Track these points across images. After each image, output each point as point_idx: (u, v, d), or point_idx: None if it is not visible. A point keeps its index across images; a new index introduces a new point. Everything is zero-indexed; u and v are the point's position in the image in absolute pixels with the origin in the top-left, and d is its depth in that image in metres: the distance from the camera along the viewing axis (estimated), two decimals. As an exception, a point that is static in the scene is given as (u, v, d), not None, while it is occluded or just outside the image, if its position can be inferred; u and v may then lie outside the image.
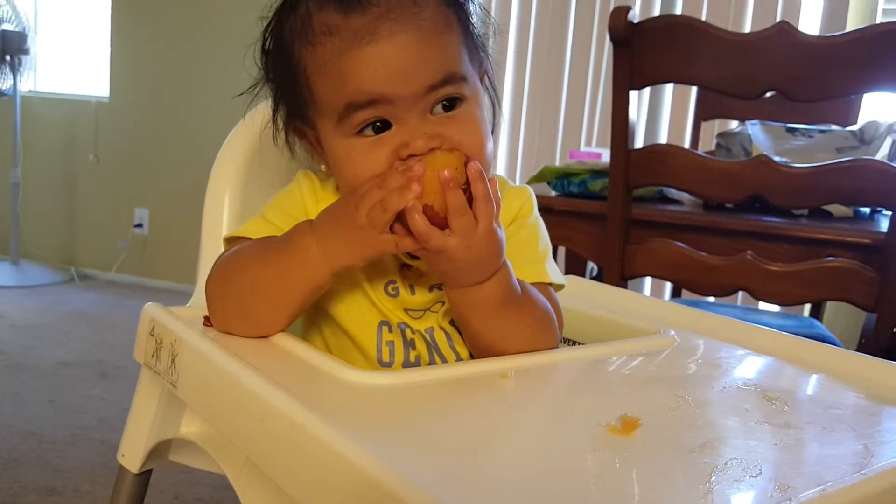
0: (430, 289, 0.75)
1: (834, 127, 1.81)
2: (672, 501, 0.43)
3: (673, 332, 0.77)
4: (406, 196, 0.61)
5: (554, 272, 0.77)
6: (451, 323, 0.76)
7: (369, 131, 0.68)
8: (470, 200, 0.63)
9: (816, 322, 2.01)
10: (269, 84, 0.75)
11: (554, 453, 0.49)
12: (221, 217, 0.87)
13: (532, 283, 0.73)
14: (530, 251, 0.77)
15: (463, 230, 0.62)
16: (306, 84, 0.70)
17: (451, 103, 0.69)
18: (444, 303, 0.75)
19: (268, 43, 0.73)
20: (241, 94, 0.77)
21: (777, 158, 1.28)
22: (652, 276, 1.44)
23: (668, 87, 2.87)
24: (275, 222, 0.73)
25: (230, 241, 0.74)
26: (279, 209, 0.75)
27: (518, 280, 0.70)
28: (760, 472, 0.46)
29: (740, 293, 2.54)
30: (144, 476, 0.78)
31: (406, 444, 0.49)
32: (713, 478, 0.45)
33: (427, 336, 0.75)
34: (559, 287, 0.78)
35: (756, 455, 0.50)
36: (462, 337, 0.75)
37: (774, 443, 0.53)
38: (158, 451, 0.75)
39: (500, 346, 0.69)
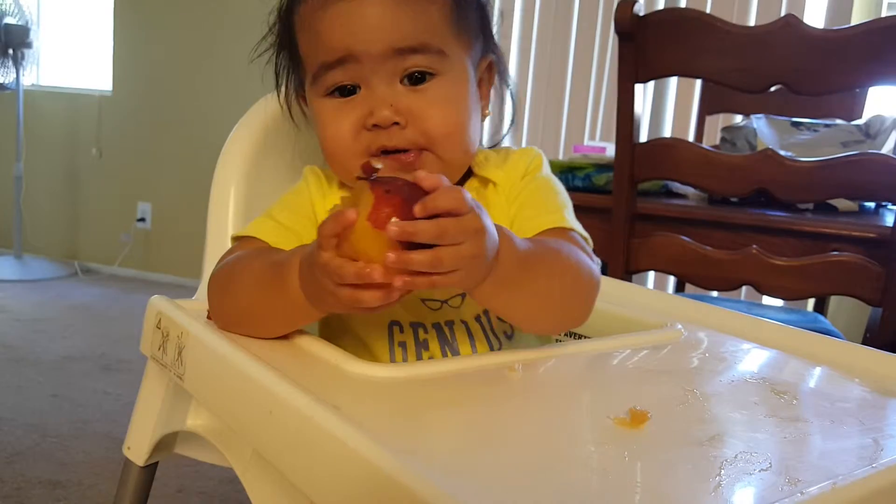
0: None
1: (839, 121, 1.80)
2: (682, 494, 0.43)
3: (680, 326, 0.77)
4: (344, 280, 0.53)
5: (576, 223, 0.72)
6: (477, 319, 0.73)
7: (338, 94, 0.68)
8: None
9: (820, 317, 2.00)
10: (277, 48, 0.77)
11: (563, 446, 0.49)
12: (227, 210, 0.87)
13: (551, 231, 0.69)
14: (547, 200, 0.73)
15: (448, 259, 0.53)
16: (296, 45, 0.72)
17: (421, 76, 0.68)
18: (464, 296, 0.72)
19: (281, 3, 0.75)
20: (258, 54, 0.78)
21: (782, 153, 1.27)
22: (656, 270, 1.44)
23: (673, 82, 2.86)
24: (283, 221, 0.72)
25: (237, 239, 0.73)
26: (287, 207, 0.74)
27: (533, 239, 0.65)
28: (770, 466, 0.46)
29: (744, 288, 2.55)
30: (150, 469, 0.78)
31: (414, 436, 0.49)
32: (723, 471, 0.45)
33: (447, 330, 0.72)
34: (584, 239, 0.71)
35: (765, 448, 0.49)
36: (485, 334, 0.73)
37: (783, 436, 0.52)
38: (164, 443, 0.75)
39: (541, 313, 0.64)
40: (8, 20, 3.47)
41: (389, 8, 0.66)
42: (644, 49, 1.29)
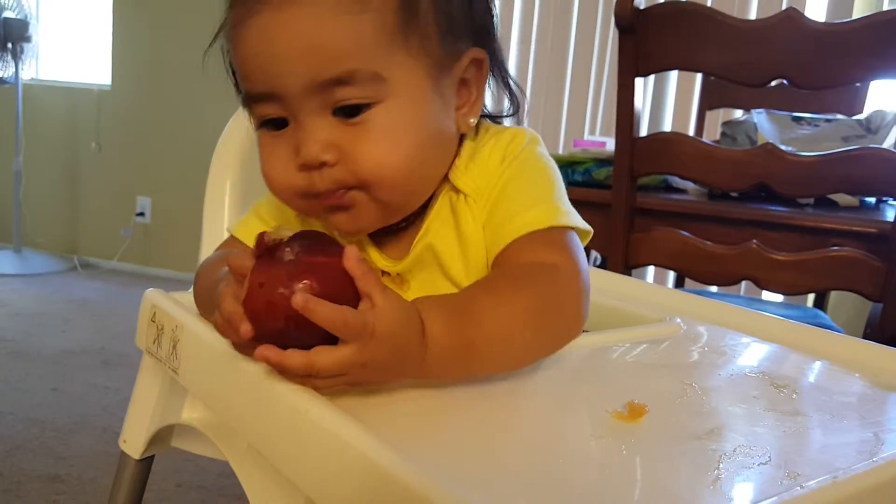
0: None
1: (840, 116, 1.79)
2: (680, 487, 0.42)
3: (679, 320, 0.76)
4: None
5: (561, 209, 0.63)
6: None
7: (270, 127, 0.59)
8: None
9: (820, 312, 2.00)
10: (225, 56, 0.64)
11: (559, 439, 0.49)
12: (223, 204, 0.87)
13: (524, 238, 0.61)
14: (523, 193, 0.63)
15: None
16: (231, 61, 0.61)
17: (356, 107, 0.56)
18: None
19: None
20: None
21: (783, 147, 1.27)
22: (656, 265, 1.44)
23: (673, 77, 2.86)
24: (270, 221, 0.69)
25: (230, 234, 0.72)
26: (274, 204, 0.69)
27: (481, 289, 0.56)
28: (769, 460, 0.46)
29: (743, 284, 2.54)
30: (146, 462, 0.77)
31: (409, 429, 0.48)
32: (721, 464, 0.44)
33: None
34: (578, 229, 0.64)
35: (764, 442, 0.49)
36: None
37: (783, 430, 0.52)
38: (160, 437, 0.75)
39: (519, 358, 0.57)
40: (7, 14, 3.46)
41: (306, 30, 0.54)
42: (644, 42, 1.29)
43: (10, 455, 1.76)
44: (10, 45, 3.50)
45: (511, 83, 0.71)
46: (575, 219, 0.64)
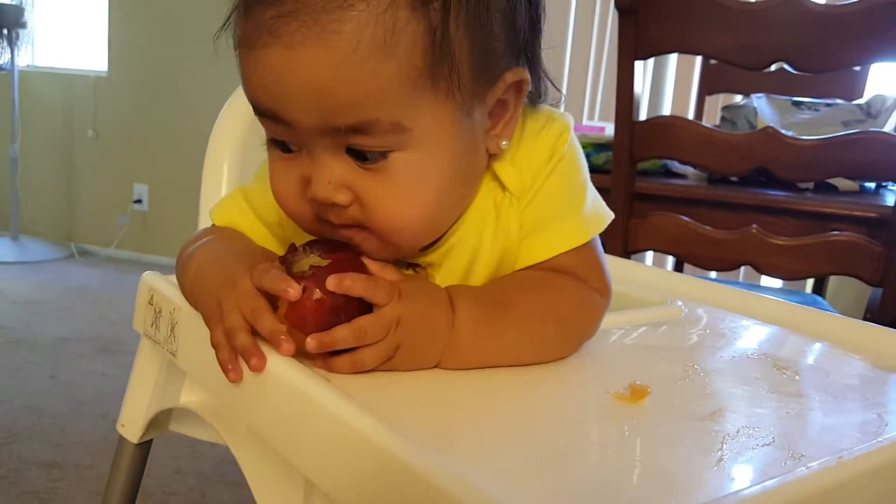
0: None
1: (840, 101, 1.79)
2: (683, 469, 0.42)
3: (680, 303, 0.76)
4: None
5: (588, 220, 0.62)
6: None
7: (280, 146, 0.54)
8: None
9: (819, 298, 2.00)
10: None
11: (560, 420, 0.48)
12: (220, 187, 0.86)
13: (558, 257, 0.60)
14: (559, 204, 0.61)
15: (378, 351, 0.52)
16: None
17: (372, 153, 0.51)
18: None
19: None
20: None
21: (783, 132, 1.26)
22: (655, 250, 1.43)
23: (672, 61, 2.85)
24: (263, 214, 0.64)
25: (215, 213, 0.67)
26: (268, 197, 0.59)
27: (504, 288, 0.58)
28: (773, 441, 0.45)
29: (742, 269, 2.54)
30: (144, 447, 0.77)
31: (408, 410, 0.48)
32: (725, 445, 0.44)
33: None
34: (600, 229, 0.63)
35: (767, 423, 0.49)
36: None
37: (786, 411, 0.52)
38: (158, 421, 0.74)
39: (538, 351, 0.58)
40: (2, 0, 3.44)
41: (320, 75, 0.47)
42: (644, 25, 1.28)
43: (8, 442, 1.75)
44: (5, 32, 3.47)
45: (551, 84, 0.64)
46: (599, 221, 0.63)
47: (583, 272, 0.61)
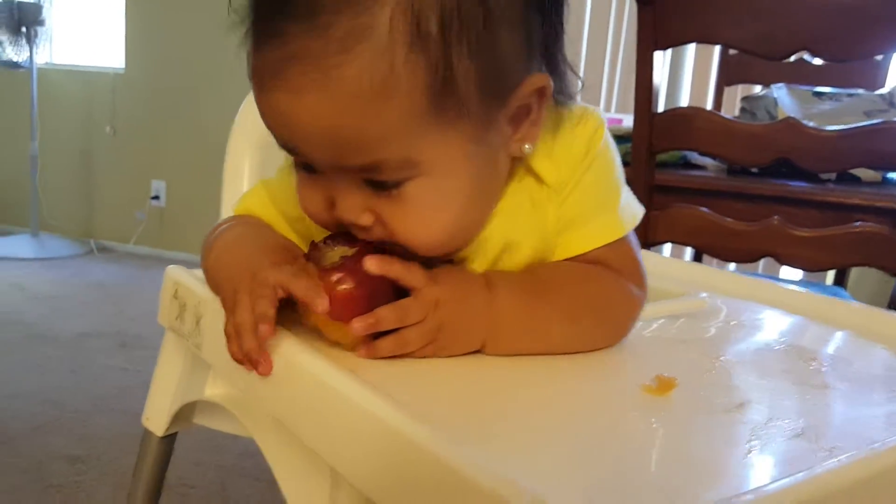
0: None
1: (861, 91, 1.77)
2: (714, 461, 0.42)
3: (704, 294, 0.75)
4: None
5: (624, 215, 0.62)
6: None
7: (303, 167, 0.55)
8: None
9: (841, 290, 1.98)
10: None
11: (588, 411, 0.48)
12: (242, 181, 0.86)
13: (594, 251, 0.60)
14: (596, 202, 0.61)
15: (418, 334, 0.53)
16: None
17: (387, 183, 0.52)
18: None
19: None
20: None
21: (805, 122, 1.25)
22: (676, 242, 1.42)
23: (689, 52, 2.82)
24: (285, 209, 0.64)
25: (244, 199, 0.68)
26: (290, 191, 0.59)
27: (543, 274, 0.59)
28: (802, 433, 0.45)
29: (761, 262, 2.52)
30: (169, 440, 0.78)
31: (436, 401, 0.48)
32: (754, 438, 0.44)
33: None
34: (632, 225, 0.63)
35: (796, 415, 0.48)
36: None
37: (813, 403, 0.51)
38: (183, 414, 0.75)
39: (575, 340, 0.58)
40: (20, -2, 3.46)
41: (325, 119, 0.48)
42: (664, 15, 1.27)
43: (32, 435, 1.77)
44: (24, 30, 3.50)
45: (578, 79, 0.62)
46: (633, 216, 0.63)
47: (619, 265, 0.61)
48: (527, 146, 0.56)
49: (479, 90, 0.50)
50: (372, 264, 0.52)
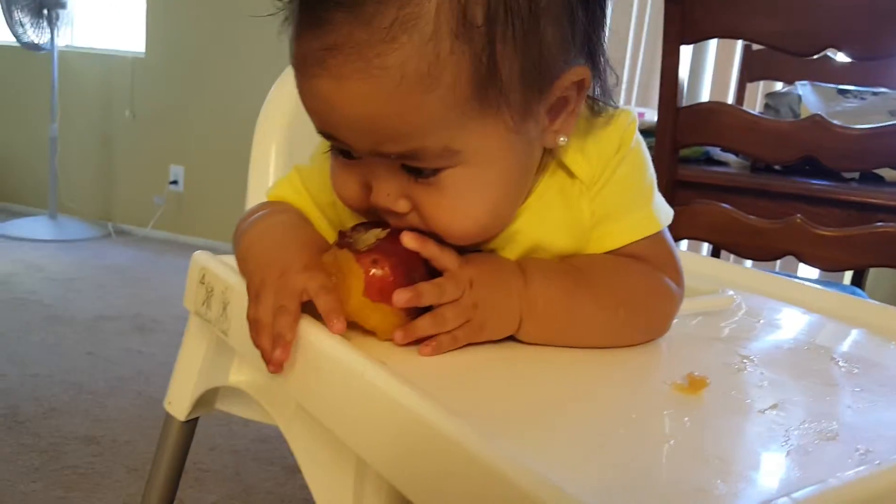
0: None
1: (886, 90, 1.75)
2: (750, 463, 0.41)
3: (731, 292, 0.75)
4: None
5: (659, 211, 0.62)
6: None
7: (340, 153, 0.55)
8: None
9: (858, 290, 1.97)
10: None
11: (621, 411, 0.48)
12: (268, 168, 0.86)
13: (631, 244, 0.60)
14: (629, 198, 0.61)
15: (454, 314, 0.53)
16: None
17: (425, 170, 0.52)
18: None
19: None
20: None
21: (831, 121, 1.24)
22: (697, 238, 1.41)
23: (712, 47, 2.80)
24: (317, 196, 0.64)
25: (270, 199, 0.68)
26: (323, 178, 0.60)
27: (577, 264, 0.59)
28: (837, 435, 0.45)
29: (779, 261, 2.50)
30: (191, 424, 0.78)
31: (465, 393, 0.48)
32: (789, 439, 0.43)
33: None
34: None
35: (829, 417, 0.48)
36: None
37: (846, 405, 0.51)
38: (206, 399, 0.75)
39: (608, 332, 0.58)
40: (42, -20, 3.47)
41: (366, 107, 0.48)
42: (692, 9, 1.26)
43: (48, 416, 1.78)
44: (45, 12, 3.51)
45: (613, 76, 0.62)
46: (666, 214, 0.63)
47: (657, 260, 0.60)
48: (562, 138, 0.56)
49: (521, 81, 0.50)
50: (409, 239, 0.52)
